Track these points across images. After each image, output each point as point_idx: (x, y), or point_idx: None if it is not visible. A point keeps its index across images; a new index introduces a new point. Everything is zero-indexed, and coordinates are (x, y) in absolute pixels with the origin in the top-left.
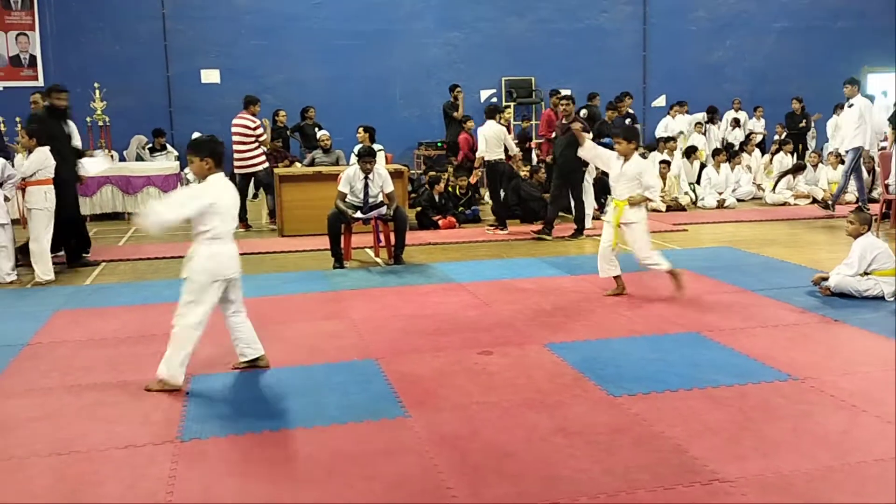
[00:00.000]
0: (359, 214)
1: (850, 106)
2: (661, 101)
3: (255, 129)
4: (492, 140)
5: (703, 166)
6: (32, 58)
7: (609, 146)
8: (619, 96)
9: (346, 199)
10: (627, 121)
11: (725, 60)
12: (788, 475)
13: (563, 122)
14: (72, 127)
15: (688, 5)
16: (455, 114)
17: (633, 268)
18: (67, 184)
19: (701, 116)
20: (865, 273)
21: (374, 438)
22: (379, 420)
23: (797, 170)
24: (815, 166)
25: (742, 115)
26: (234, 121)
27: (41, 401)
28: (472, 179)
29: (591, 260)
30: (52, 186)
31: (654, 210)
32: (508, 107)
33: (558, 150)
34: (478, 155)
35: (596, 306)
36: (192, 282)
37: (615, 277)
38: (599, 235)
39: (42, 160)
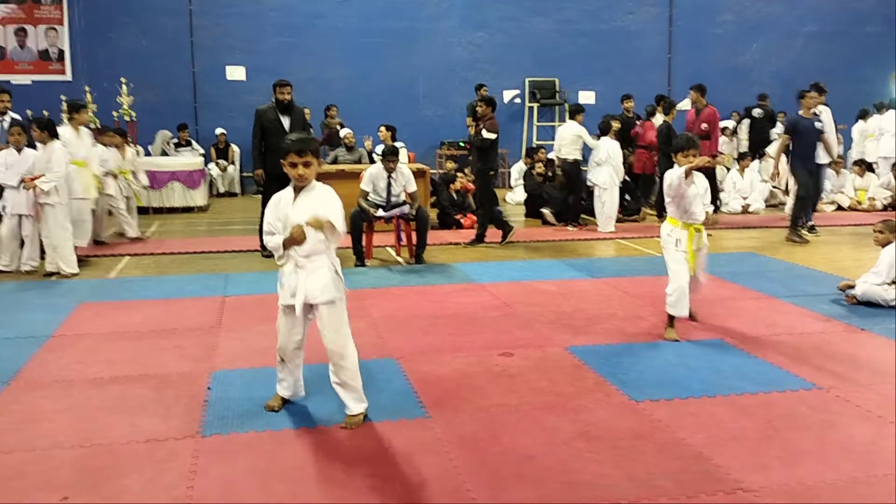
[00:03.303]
0: (381, 213)
1: (817, 114)
2: (685, 104)
3: None
4: (567, 138)
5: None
6: (61, 52)
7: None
8: (760, 95)
9: (369, 198)
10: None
11: (752, 64)
12: (813, 486)
13: (479, 124)
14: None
15: (715, 7)
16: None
17: (651, 272)
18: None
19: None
20: (893, 282)
21: (394, 438)
22: (398, 420)
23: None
24: (838, 172)
25: None
26: None
27: (64, 393)
28: (467, 186)
29: (614, 263)
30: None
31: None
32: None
33: (473, 153)
34: (553, 154)
35: (618, 310)
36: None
37: None
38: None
39: (63, 156)
